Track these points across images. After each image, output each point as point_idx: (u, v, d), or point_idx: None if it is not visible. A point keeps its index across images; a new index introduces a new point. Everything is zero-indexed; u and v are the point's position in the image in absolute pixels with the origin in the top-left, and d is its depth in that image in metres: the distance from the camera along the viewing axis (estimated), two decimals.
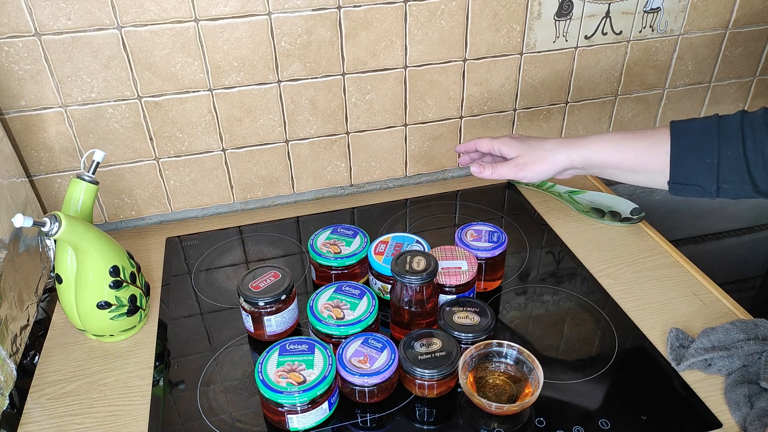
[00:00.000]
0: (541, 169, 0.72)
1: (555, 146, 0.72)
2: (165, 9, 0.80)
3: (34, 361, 0.74)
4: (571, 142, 0.71)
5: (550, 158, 0.71)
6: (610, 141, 0.68)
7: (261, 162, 0.96)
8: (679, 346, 0.71)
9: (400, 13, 0.88)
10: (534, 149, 0.72)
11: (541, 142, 0.73)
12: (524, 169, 0.72)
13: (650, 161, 0.66)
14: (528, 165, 0.72)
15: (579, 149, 0.70)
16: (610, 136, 0.69)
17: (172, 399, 0.68)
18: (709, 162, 0.64)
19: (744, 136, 0.63)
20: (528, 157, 0.72)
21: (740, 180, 0.63)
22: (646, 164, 0.67)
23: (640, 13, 0.98)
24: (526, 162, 0.72)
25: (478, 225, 0.82)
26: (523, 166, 0.72)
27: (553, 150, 0.71)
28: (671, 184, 0.65)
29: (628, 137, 0.68)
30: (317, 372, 0.62)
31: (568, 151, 0.70)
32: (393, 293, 0.72)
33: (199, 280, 0.86)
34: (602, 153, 0.68)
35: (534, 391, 0.62)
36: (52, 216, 0.64)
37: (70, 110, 0.84)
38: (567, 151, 0.70)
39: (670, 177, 0.65)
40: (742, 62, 1.09)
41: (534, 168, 0.72)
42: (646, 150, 0.66)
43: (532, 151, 0.72)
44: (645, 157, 0.66)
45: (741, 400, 0.64)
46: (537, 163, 0.71)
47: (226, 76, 0.87)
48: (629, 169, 0.68)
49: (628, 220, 0.94)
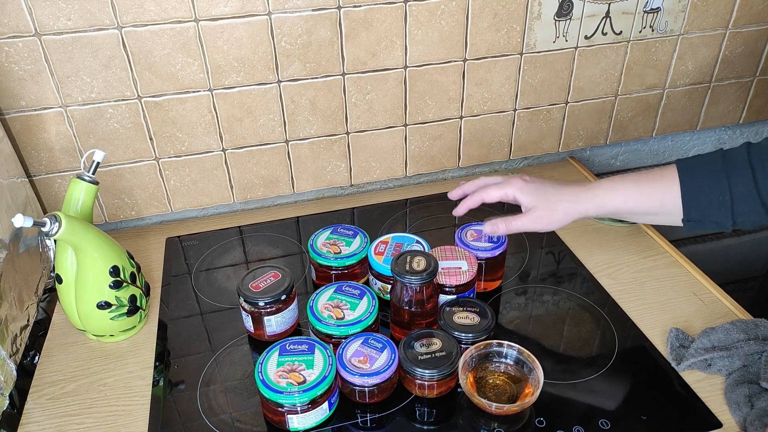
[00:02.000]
0: (557, 222, 0.70)
1: (570, 197, 0.70)
2: (165, 9, 0.80)
3: (34, 361, 0.74)
4: (586, 192, 0.70)
5: (566, 210, 0.70)
6: (623, 188, 0.68)
7: (261, 162, 0.96)
8: (679, 346, 0.71)
9: (400, 13, 0.88)
10: (549, 200, 0.70)
11: (556, 191, 0.71)
12: (539, 222, 0.70)
13: (664, 203, 0.66)
14: (544, 218, 0.70)
15: (595, 200, 0.69)
16: (623, 183, 0.69)
17: (172, 399, 0.68)
18: (722, 199, 0.64)
19: (754, 169, 0.63)
20: (544, 210, 0.70)
21: (755, 212, 0.64)
22: (660, 206, 0.67)
23: (640, 13, 0.98)
24: (542, 215, 0.70)
25: (479, 225, 0.82)
26: (538, 219, 0.70)
27: (569, 201, 0.70)
28: (686, 222, 0.66)
29: (639, 181, 0.68)
30: (317, 372, 0.62)
31: (585, 203, 0.69)
32: (393, 293, 0.72)
33: (199, 280, 0.86)
34: (617, 201, 0.68)
35: (534, 391, 0.62)
36: (52, 216, 0.64)
37: (70, 110, 0.84)
38: (584, 203, 0.69)
39: (684, 216, 0.65)
40: (742, 62, 1.09)
41: (550, 220, 0.70)
42: (658, 193, 0.67)
43: (548, 202, 0.70)
44: (658, 200, 0.67)
45: (741, 400, 0.64)
46: (553, 216, 0.70)
47: (226, 76, 0.87)
48: (645, 213, 0.69)
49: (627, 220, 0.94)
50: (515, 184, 0.72)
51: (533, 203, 0.70)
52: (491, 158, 1.08)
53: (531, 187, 0.71)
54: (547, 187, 0.71)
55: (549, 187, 0.71)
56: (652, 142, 1.17)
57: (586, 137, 1.11)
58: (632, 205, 0.68)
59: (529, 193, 0.71)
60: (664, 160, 1.21)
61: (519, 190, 0.71)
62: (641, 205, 0.68)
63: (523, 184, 0.71)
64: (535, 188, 0.71)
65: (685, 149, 1.21)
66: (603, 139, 1.12)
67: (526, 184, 0.71)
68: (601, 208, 0.69)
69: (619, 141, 1.13)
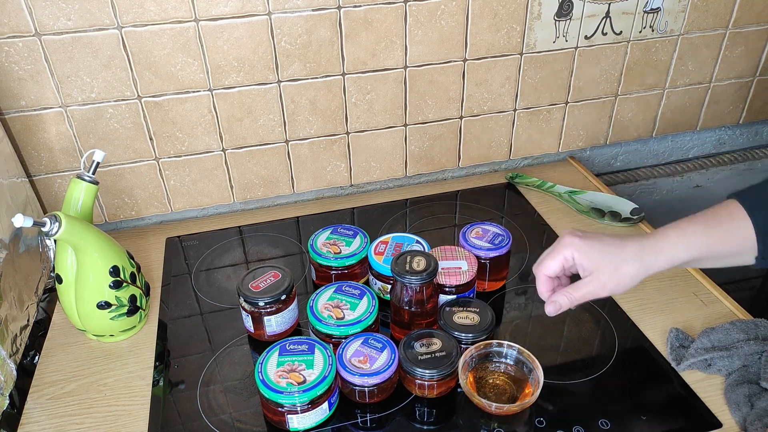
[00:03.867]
0: (624, 287, 0.61)
1: (636, 255, 0.60)
2: (165, 9, 0.80)
3: (34, 361, 0.74)
4: (652, 246, 0.61)
5: (634, 273, 0.60)
6: (692, 235, 0.60)
7: (261, 162, 0.96)
8: (679, 346, 0.71)
9: (400, 13, 0.88)
10: (612, 261, 0.60)
11: (619, 250, 0.61)
12: (605, 289, 0.61)
13: (739, 245, 0.60)
14: (609, 283, 0.61)
15: (664, 255, 0.60)
16: (690, 229, 0.61)
17: (172, 399, 0.68)
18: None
19: None
20: (608, 274, 0.60)
21: None
22: (735, 249, 0.60)
23: (640, 13, 0.98)
24: (607, 281, 0.61)
25: (484, 225, 0.82)
26: (603, 285, 0.61)
27: (636, 261, 0.60)
28: (760, 261, 0.60)
29: (708, 225, 0.61)
30: (317, 372, 0.62)
31: (654, 260, 0.60)
32: (393, 293, 0.72)
33: (199, 280, 0.86)
34: (689, 251, 0.60)
35: (534, 391, 0.62)
36: (52, 216, 0.64)
37: (70, 110, 0.84)
38: (652, 261, 0.60)
39: (759, 254, 0.59)
40: (742, 62, 1.09)
41: (617, 285, 0.61)
42: (731, 236, 0.60)
43: (612, 263, 0.61)
44: (732, 242, 0.60)
45: (741, 400, 0.64)
46: (620, 280, 0.61)
47: (226, 76, 0.87)
48: (718, 258, 0.62)
49: (628, 220, 0.94)
50: (572, 243, 0.62)
51: (595, 266, 0.61)
52: (491, 158, 1.08)
53: (589, 246, 0.61)
54: (608, 245, 0.61)
55: (609, 246, 0.61)
56: (652, 142, 1.17)
57: (586, 137, 1.11)
58: (708, 251, 0.60)
59: (588, 254, 0.61)
60: (664, 161, 1.21)
61: (577, 250, 0.61)
62: (718, 250, 0.60)
63: (580, 242, 0.61)
64: (594, 248, 0.61)
65: (685, 149, 1.21)
66: (603, 139, 1.12)
67: (583, 242, 0.61)
68: (673, 262, 0.60)
69: (619, 141, 1.13)
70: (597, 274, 0.60)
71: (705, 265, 0.63)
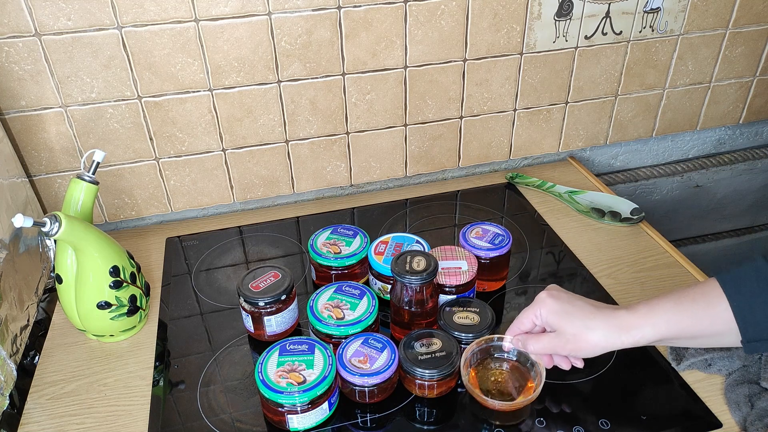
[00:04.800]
0: (583, 353, 0.62)
1: (603, 327, 0.60)
2: (165, 9, 0.80)
3: (34, 361, 0.74)
4: (621, 323, 0.60)
5: (596, 343, 0.60)
6: (662, 312, 0.59)
7: (261, 162, 0.96)
8: (680, 346, 0.71)
9: (400, 13, 0.88)
10: (574, 325, 0.61)
11: (587, 317, 0.61)
12: (564, 348, 0.62)
13: (713, 324, 0.58)
14: (568, 345, 0.61)
15: (631, 332, 0.59)
16: (660, 306, 0.60)
17: (172, 399, 0.68)
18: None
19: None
20: (570, 337, 0.61)
21: None
22: (709, 328, 0.58)
23: (640, 13, 0.98)
24: (567, 342, 0.61)
25: (484, 225, 0.82)
26: (563, 344, 0.62)
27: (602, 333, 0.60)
28: (746, 344, 0.57)
29: (681, 303, 0.59)
30: (317, 372, 0.62)
31: (620, 336, 0.60)
32: (393, 293, 0.72)
33: (199, 280, 0.86)
34: (658, 329, 0.59)
35: (536, 387, 0.63)
36: (52, 216, 0.64)
37: (70, 110, 0.84)
38: (618, 336, 0.60)
39: (743, 336, 0.57)
40: (742, 62, 1.09)
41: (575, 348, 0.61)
42: (705, 314, 0.58)
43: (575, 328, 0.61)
44: (706, 321, 0.58)
45: (741, 400, 0.64)
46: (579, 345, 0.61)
47: (226, 76, 0.87)
48: (692, 337, 0.60)
49: (628, 220, 0.94)
50: (543, 301, 0.63)
51: (559, 327, 0.62)
52: (491, 158, 1.08)
53: (559, 307, 0.62)
54: (578, 310, 0.62)
55: (579, 311, 0.62)
56: (652, 142, 1.17)
57: (586, 137, 1.11)
58: (679, 329, 0.59)
59: (557, 314, 0.62)
60: (665, 161, 1.21)
61: (546, 308, 0.63)
62: (690, 328, 0.59)
63: (552, 302, 0.63)
64: (563, 309, 0.62)
65: (685, 149, 1.21)
66: (603, 139, 1.12)
67: (554, 302, 0.63)
68: (640, 340, 0.59)
69: (619, 141, 1.13)
70: (560, 334, 0.62)
71: (683, 344, 0.62)
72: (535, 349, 0.64)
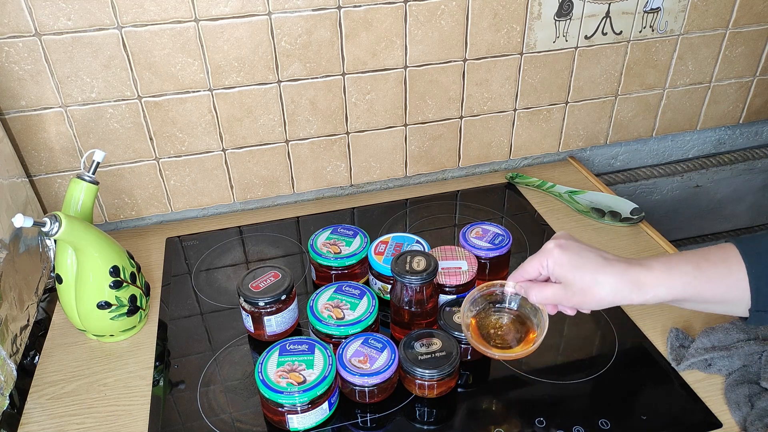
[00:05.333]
0: (590, 306, 0.59)
1: (613, 282, 0.57)
2: (165, 9, 0.80)
3: (34, 361, 0.74)
4: (634, 280, 0.57)
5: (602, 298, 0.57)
6: (682, 276, 0.56)
7: (261, 162, 0.96)
8: (679, 346, 0.71)
9: (400, 13, 0.88)
10: (583, 279, 0.58)
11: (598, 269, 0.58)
12: (571, 299, 0.59)
13: (728, 291, 0.56)
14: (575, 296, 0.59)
15: (643, 290, 0.56)
16: (680, 269, 0.57)
17: (172, 399, 0.68)
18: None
19: None
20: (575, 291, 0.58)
21: None
22: (723, 294, 0.56)
23: (640, 13, 0.98)
24: (573, 294, 0.59)
25: (484, 225, 0.82)
26: (570, 296, 0.59)
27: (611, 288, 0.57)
28: (754, 313, 0.56)
29: (701, 268, 0.57)
30: (317, 372, 0.62)
31: (629, 293, 0.57)
32: (393, 293, 0.72)
33: (199, 280, 0.86)
34: (674, 291, 0.56)
35: (538, 337, 0.62)
36: (52, 216, 0.64)
37: (70, 110, 0.84)
38: (627, 293, 0.57)
39: (753, 305, 0.55)
40: (742, 62, 1.09)
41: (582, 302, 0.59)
42: (722, 279, 0.56)
43: (582, 281, 0.58)
44: (723, 287, 0.56)
45: (741, 400, 0.64)
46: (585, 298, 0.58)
47: (226, 76, 0.87)
48: (704, 302, 0.58)
49: (628, 220, 0.94)
50: (551, 252, 0.60)
51: (567, 280, 0.59)
52: (491, 158, 1.08)
53: (567, 259, 0.59)
54: (587, 263, 0.58)
55: (589, 264, 0.58)
56: (652, 142, 1.17)
57: (586, 137, 1.11)
58: (691, 293, 0.56)
59: (564, 266, 0.59)
60: (664, 161, 1.21)
61: (554, 260, 0.60)
62: (702, 293, 0.56)
63: (560, 253, 0.59)
64: (572, 262, 0.59)
65: (685, 149, 1.21)
66: (603, 139, 1.12)
67: (563, 254, 0.59)
68: (650, 300, 0.57)
69: (619, 141, 1.13)
70: (566, 286, 0.59)
71: (690, 308, 0.60)
72: (538, 299, 0.61)
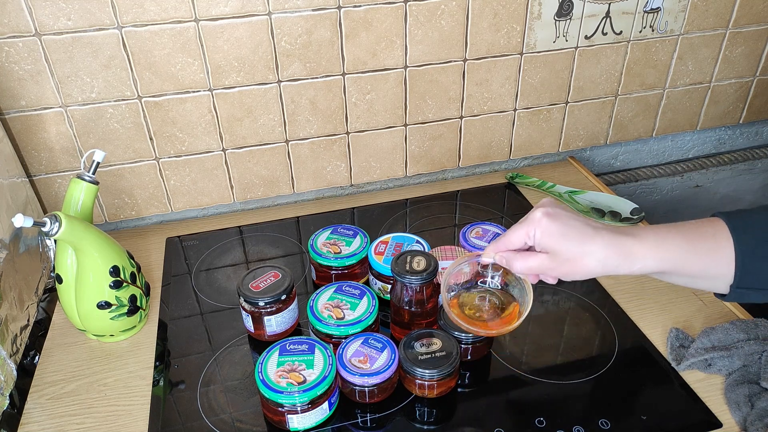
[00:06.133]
0: (578, 276, 0.57)
1: (600, 252, 0.55)
2: (165, 9, 0.80)
3: (34, 361, 0.74)
4: (623, 250, 0.55)
5: (592, 268, 0.56)
6: (673, 248, 0.55)
7: (261, 162, 0.96)
8: (679, 346, 0.71)
9: (400, 13, 0.88)
10: (571, 249, 0.56)
11: (584, 238, 0.56)
12: (559, 269, 0.57)
13: (714, 266, 0.54)
14: (563, 266, 0.57)
15: (632, 260, 0.55)
16: (672, 241, 0.55)
17: (172, 399, 0.68)
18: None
19: None
20: (563, 260, 0.56)
21: None
22: (708, 269, 0.55)
23: (640, 13, 0.98)
24: (561, 264, 0.57)
25: (484, 225, 0.82)
26: (558, 265, 0.57)
27: (599, 259, 0.55)
28: (734, 290, 0.54)
29: (691, 241, 0.55)
30: (317, 372, 0.62)
31: (618, 264, 0.55)
32: (393, 293, 0.72)
33: (199, 280, 0.86)
34: (663, 263, 0.55)
35: (523, 312, 0.61)
36: (52, 216, 0.64)
37: (70, 110, 0.84)
38: (615, 264, 0.55)
39: (736, 281, 0.54)
40: (742, 62, 1.09)
41: (570, 272, 0.57)
42: (710, 254, 0.54)
43: (569, 252, 0.56)
44: (710, 262, 0.54)
45: (741, 400, 0.64)
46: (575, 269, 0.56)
47: (226, 76, 0.87)
48: (688, 275, 0.56)
49: (628, 220, 0.94)
50: (538, 222, 0.57)
51: (554, 250, 0.57)
52: (491, 158, 1.08)
53: (556, 229, 0.56)
54: (575, 233, 0.56)
55: (577, 234, 0.56)
56: (652, 142, 1.17)
57: (586, 137, 1.11)
58: (680, 266, 0.55)
59: (552, 236, 0.56)
60: (664, 161, 1.21)
61: (542, 229, 0.57)
62: (691, 267, 0.55)
63: (547, 222, 0.57)
64: (560, 231, 0.56)
65: (685, 149, 1.21)
66: (603, 139, 1.12)
67: (550, 223, 0.57)
68: (640, 270, 0.55)
69: (619, 141, 1.13)
70: (553, 256, 0.57)
71: (674, 281, 0.59)
72: (522, 268, 0.59)
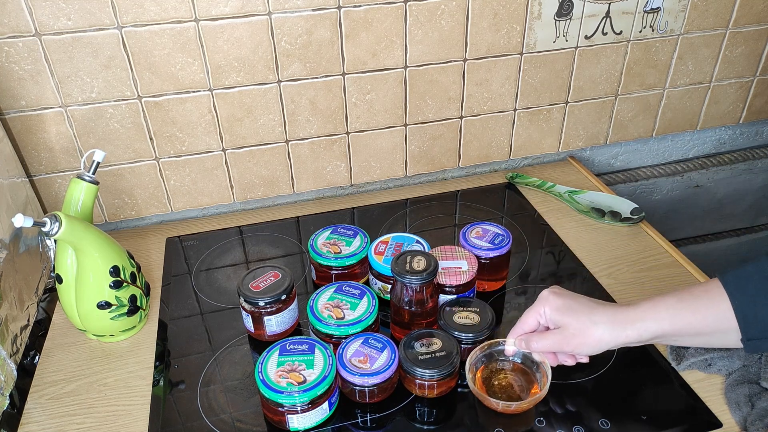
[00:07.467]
0: (588, 348, 0.61)
1: (607, 322, 0.60)
2: (165, 9, 0.80)
3: (34, 361, 0.74)
4: (625, 317, 0.60)
5: (600, 337, 0.60)
6: (665, 307, 0.60)
7: (261, 162, 0.96)
8: (679, 346, 0.71)
9: (400, 13, 0.88)
10: (579, 319, 0.61)
11: (591, 312, 0.62)
12: (569, 344, 0.62)
13: (717, 322, 0.58)
14: (573, 340, 0.62)
15: (634, 326, 0.60)
16: (664, 303, 0.60)
17: (172, 399, 0.68)
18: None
19: None
20: (575, 332, 0.61)
21: None
22: (712, 325, 0.58)
23: (640, 13, 0.98)
24: (571, 337, 0.62)
25: (484, 225, 0.82)
26: (568, 339, 0.62)
27: (606, 327, 0.60)
28: (746, 342, 0.57)
29: (683, 300, 0.60)
30: (317, 372, 0.62)
31: (624, 330, 0.60)
32: (393, 293, 0.72)
33: (199, 280, 0.86)
34: (661, 323, 0.59)
35: (543, 387, 0.63)
36: (52, 216, 0.64)
37: (70, 110, 0.84)
38: (622, 330, 0.60)
39: (743, 334, 0.57)
40: (742, 62, 1.09)
41: (580, 344, 0.61)
42: (707, 311, 0.58)
43: (580, 322, 0.61)
44: (710, 317, 0.58)
45: (741, 400, 0.64)
46: (585, 340, 0.61)
47: (226, 76, 0.87)
48: (695, 334, 0.60)
49: (628, 220, 0.94)
50: (546, 299, 0.64)
51: (564, 323, 0.62)
52: (491, 158, 1.08)
53: (563, 304, 0.63)
54: (581, 306, 0.62)
55: (583, 307, 0.62)
56: (652, 142, 1.17)
57: (586, 137, 1.11)
58: (682, 325, 0.59)
59: (560, 310, 0.63)
60: (665, 161, 1.21)
61: (550, 306, 0.63)
62: (690, 325, 0.59)
63: (555, 299, 0.63)
64: (566, 305, 0.63)
65: (685, 149, 1.21)
66: (603, 139, 1.12)
67: (557, 299, 0.63)
68: (643, 334, 0.60)
69: (619, 141, 1.13)
70: (564, 329, 0.62)
71: (688, 343, 0.62)
72: (539, 347, 0.64)
